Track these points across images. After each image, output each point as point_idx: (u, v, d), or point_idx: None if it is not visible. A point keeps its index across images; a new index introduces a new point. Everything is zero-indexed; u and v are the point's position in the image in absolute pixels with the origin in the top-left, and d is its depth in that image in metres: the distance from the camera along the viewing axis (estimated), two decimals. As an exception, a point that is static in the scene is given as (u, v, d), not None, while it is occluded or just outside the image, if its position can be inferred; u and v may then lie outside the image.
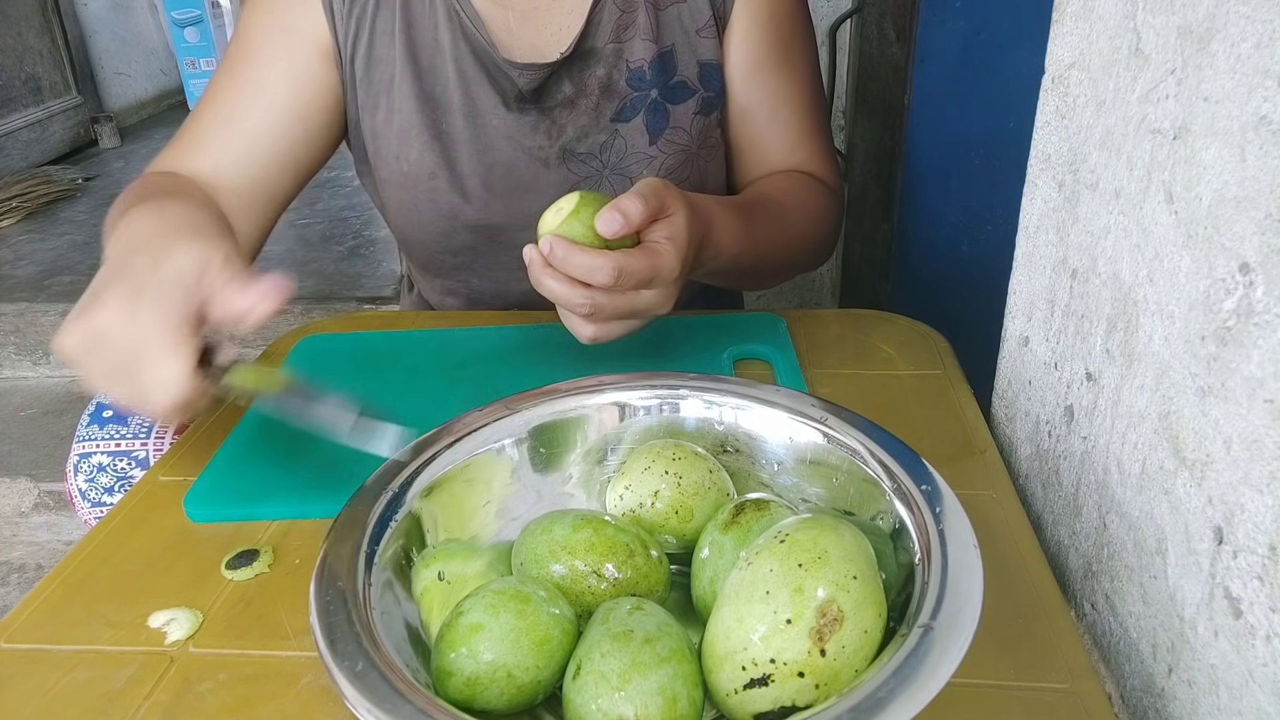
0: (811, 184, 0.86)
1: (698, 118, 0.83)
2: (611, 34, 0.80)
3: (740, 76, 0.84)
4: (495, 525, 0.51)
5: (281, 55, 0.80)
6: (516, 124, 0.81)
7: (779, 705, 0.37)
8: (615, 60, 0.81)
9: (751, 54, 0.83)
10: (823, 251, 0.89)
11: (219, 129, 0.80)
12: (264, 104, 0.80)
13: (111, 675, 0.47)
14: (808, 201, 0.84)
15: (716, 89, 0.83)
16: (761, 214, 0.78)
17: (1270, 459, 0.34)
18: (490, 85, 0.80)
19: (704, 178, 0.86)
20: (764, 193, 0.83)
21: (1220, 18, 0.37)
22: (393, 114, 0.81)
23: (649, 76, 0.81)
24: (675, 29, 0.81)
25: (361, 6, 0.80)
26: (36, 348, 1.98)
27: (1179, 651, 0.41)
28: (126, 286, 0.52)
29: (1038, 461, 0.59)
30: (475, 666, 0.40)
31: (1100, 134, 0.50)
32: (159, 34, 3.38)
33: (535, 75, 0.79)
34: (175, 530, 0.58)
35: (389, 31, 0.80)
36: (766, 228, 0.77)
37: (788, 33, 0.84)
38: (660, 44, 0.81)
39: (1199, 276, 0.39)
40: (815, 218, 0.84)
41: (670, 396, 0.54)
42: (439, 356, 0.75)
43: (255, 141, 0.79)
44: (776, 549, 0.39)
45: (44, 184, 2.58)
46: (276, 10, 0.80)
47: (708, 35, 0.82)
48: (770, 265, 0.81)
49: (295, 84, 0.80)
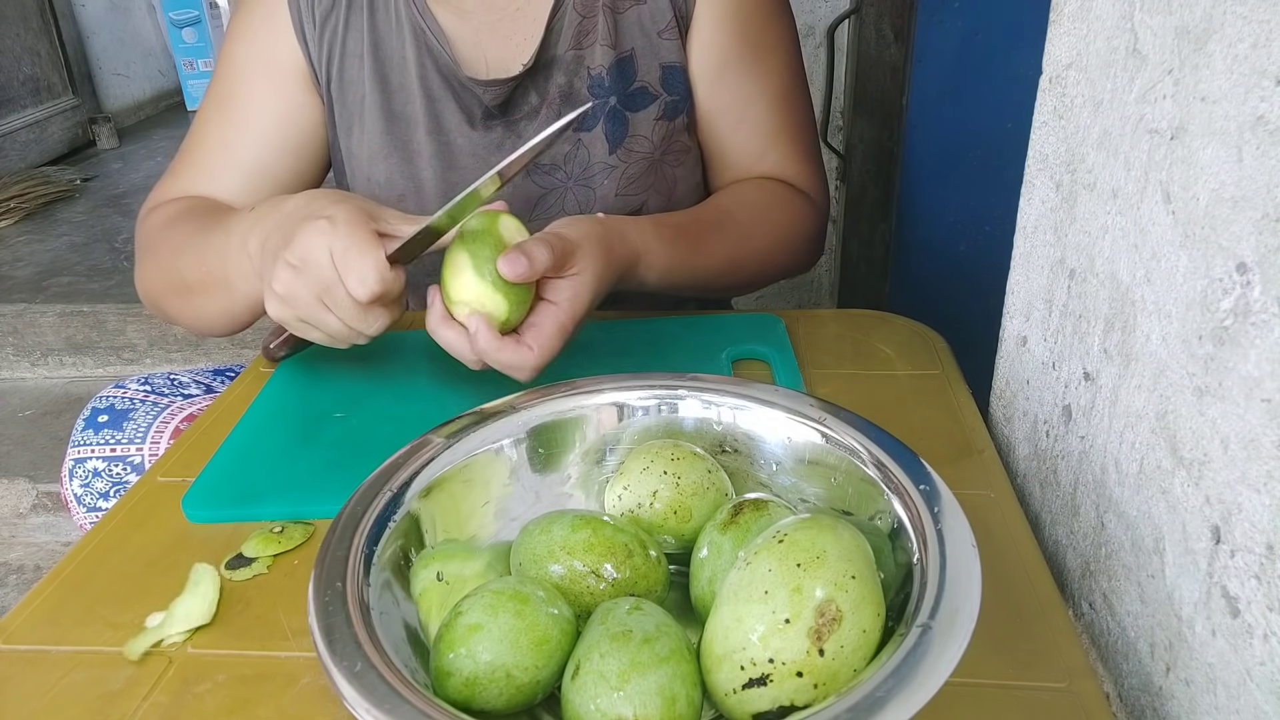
0: (780, 193, 0.83)
1: (660, 123, 0.81)
2: (572, 41, 0.78)
3: (705, 79, 0.81)
4: (494, 525, 0.51)
5: (269, 91, 0.81)
6: (481, 141, 0.80)
7: (777, 705, 0.37)
8: (576, 68, 0.79)
9: (716, 55, 0.80)
10: (799, 259, 0.87)
11: (219, 156, 0.82)
12: (255, 138, 0.82)
13: (110, 676, 0.47)
14: (772, 215, 0.82)
15: (681, 92, 0.81)
16: (708, 234, 0.77)
17: (1267, 458, 0.34)
18: (455, 103, 0.80)
19: (672, 184, 0.84)
20: (721, 208, 0.81)
21: (1217, 18, 0.37)
22: (364, 135, 0.82)
23: (608, 83, 0.79)
24: (635, 32, 0.79)
25: (331, 29, 0.80)
26: (35, 348, 1.98)
27: (1176, 650, 0.41)
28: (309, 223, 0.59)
29: (1036, 461, 0.59)
30: (474, 667, 0.40)
31: (1098, 134, 0.50)
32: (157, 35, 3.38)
33: (500, 90, 0.78)
34: (174, 531, 0.58)
35: (358, 53, 0.80)
36: (714, 247, 0.77)
37: (756, 30, 0.81)
38: (619, 49, 0.79)
39: (1196, 276, 0.39)
40: (780, 230, 0.82)
41: (669, 396, 0.54)
42: (438, 357, 0.75)
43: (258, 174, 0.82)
44: (775, 549, 0.39)
45: (42, 185, 2.58)
46: (257, 41, 0.81)
47: (669, 37, 0.79)
48: (726, 282, 0.80)
49: (285, 118, 0.82)
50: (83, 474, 0.79)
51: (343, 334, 0.61)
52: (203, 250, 0.72)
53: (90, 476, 0.79)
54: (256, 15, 0.81)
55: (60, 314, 1.95)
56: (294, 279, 0.59)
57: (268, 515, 0.58)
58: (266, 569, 0.54)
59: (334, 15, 0.80)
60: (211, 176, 0.82)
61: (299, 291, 0.59)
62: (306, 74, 0.81)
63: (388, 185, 0.82)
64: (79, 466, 0.79)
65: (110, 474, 0.78)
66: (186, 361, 1.99)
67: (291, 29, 0.80)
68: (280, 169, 0.83)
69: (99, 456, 0.79)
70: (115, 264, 2.12)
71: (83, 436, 0.79)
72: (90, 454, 0.79)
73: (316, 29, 0.80)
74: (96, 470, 0.78)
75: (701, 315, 0.79)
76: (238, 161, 0.81)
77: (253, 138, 0.81)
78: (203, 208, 0.79)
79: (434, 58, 0.79)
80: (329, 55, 0.81)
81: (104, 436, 0.79)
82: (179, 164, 0.84)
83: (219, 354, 1.99)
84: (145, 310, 1.92)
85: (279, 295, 0.60)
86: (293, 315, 0.61)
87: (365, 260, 0.57)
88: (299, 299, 0.59)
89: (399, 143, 0.81)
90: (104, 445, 0.79)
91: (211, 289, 0.72)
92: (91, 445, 0.79)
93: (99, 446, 0.79)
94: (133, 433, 0.79)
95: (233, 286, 0.70)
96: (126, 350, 1.98)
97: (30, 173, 2.68)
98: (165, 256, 0.77)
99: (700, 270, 0.76)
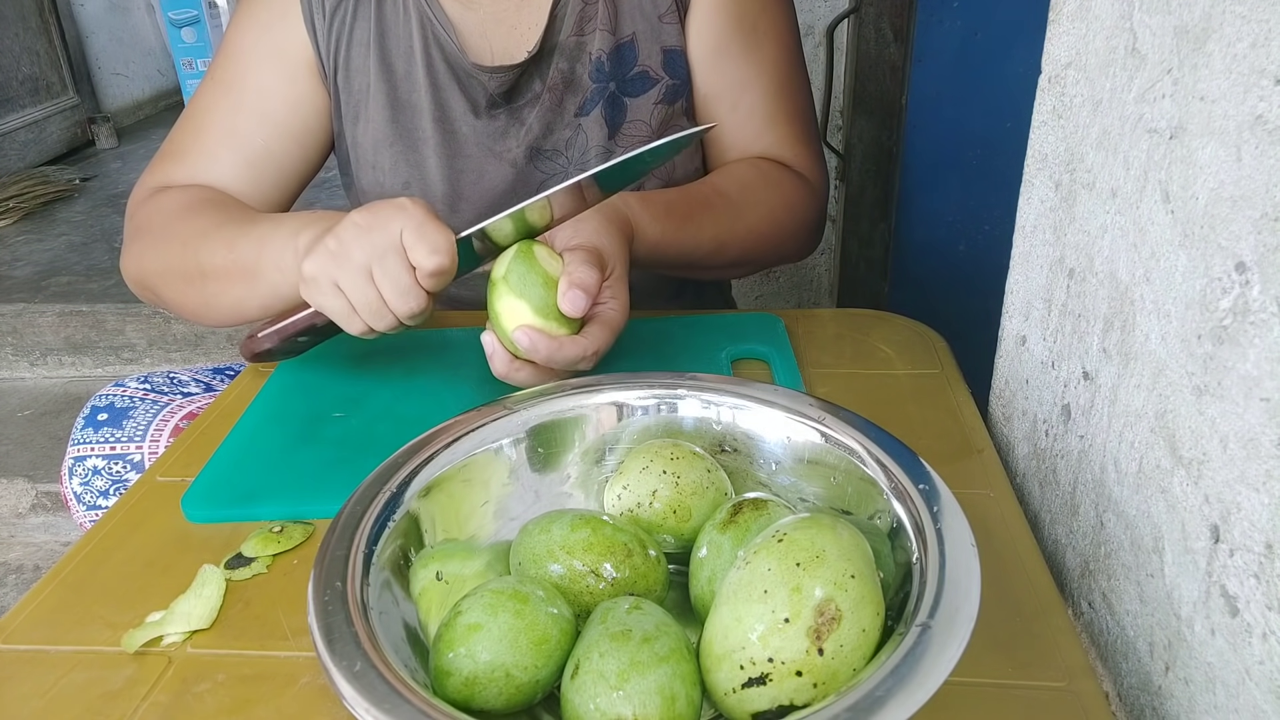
0: (775, 173, 0.84)
1: (659, 107, 0.81)
2: (574, 27, 0.79)
3: (702, 62, 0.81)
4: (493, 525, 0.51)
5: (278, 79, 0.82)
6: (485, 129, 0.81)
7: (777, 704, 0.37)
8: (578, 53, 0.80)
9: (714, 37, 0.81)
10: (795, 242, 0.87)
11: (224, 141, 0.82)
12: (262, 126, 0.82)
13: (109, 676, 0.47)
14: (765, 194, 0.82)
15: (682, 76, 0.81)
16: (698, 211, 0.77)
17: (1266, 457, 0.34)
18: (460, 92, 0.81)
19: (670, 168, 0.84)
20: (712, 185, 0.81)
21: (1216, 17, 0.37)
22: (369, 124, 0.83)
23: (607, 69, 0.80)
24: (636, 17, 0.80)
25: (340, 19, 0.81)
26: (34, 348, 1.98)
27: (1176, 650, 0.41)
28: (387, 203, 0.61)
29: (1035, 460, 0.59)
30: (473, 666, 0.40)
31: (1097, 133, 0.50)
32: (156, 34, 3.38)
33: (506, 78, 0.79)
34: (173, 531, 0.58)
35: (364, 42, 0.81)
36: (704, 224, 0.77)
37: (754, 14, 0.82)
38: (618, 35, 0.80)
39: (1195, 275, 0.39)
40: (773, 210, 0.82)
41: (668, 396, 0.54)
42: (438, 356, 0.75)
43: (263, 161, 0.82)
44: (774, 548, 0.39)
45: (41, 184, 2.57)
46: (266, 29, 0.82)
47: (670, 21, 0.80)
48: (717, 260, 0.80)
49: (293, 107, 0.83)
50: (82, 472, 0.79)
51: (373, 309, 0.61)
52: (235, 238, 0.72)
53: (90, 475, 0.79)
54: (266, 5, 0.82)
55: (59, 314, 1.95)
56: (355, 237, 0.60)
57: (267, 515, 0.58)
58: (266, 569, 0.54)
59: (343, 6, 0.81)
60: (215, 161, 0.82)
61: (354, 250, 0.60)
62: (314, 65, 0.82)
63: (392, 173, 0.83)
64: (79, 465, 0.79)
65: (110, 472, 0.78)
66: (186, 361, 1.99)
67: (302, 21, 0.81)
68: (284, 156, 0.83)
69: (99, 455, 0.79)
70: (114, 264, 2.12)
71: (82, 435, 0.79)
72: (90, 452, 0.79)
73: (326, 20, 0.81)
74: (96, 469, 0.78)
75: (701, 315, 0.79)
76: (243, 147, 0.82)
77: (259, 125, 0.82)
78: (231, 202, 0.80)
79: (440, 46, 0.80)
80: (336, 45, 0.81)
81: (104, 435, 0.79)
82: (176, 147, 0.84)
83: (218, 353, 1.99)
84: (145, 310, 1.93)
85: (331, 251, 0.61)
86: (333, 276, 0.61)
87: (440, 235, 0.59)
88: (350, 258, 0.60)
89: (404, 131, 0.82)
90: (104, 443, 0.79)
91: (233, 276, 0.72)
92: (91, 443, 0.79)
93: (99, 445, 0.79)
94: (132, 431, 0.79)
95: (260, 276, 0.70)
96: (126, 350, 1.98)
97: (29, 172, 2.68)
98: (179, 240, 0.76)
99: (688, 247, 0.76)
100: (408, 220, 0.59)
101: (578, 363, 0.62)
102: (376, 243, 0.59)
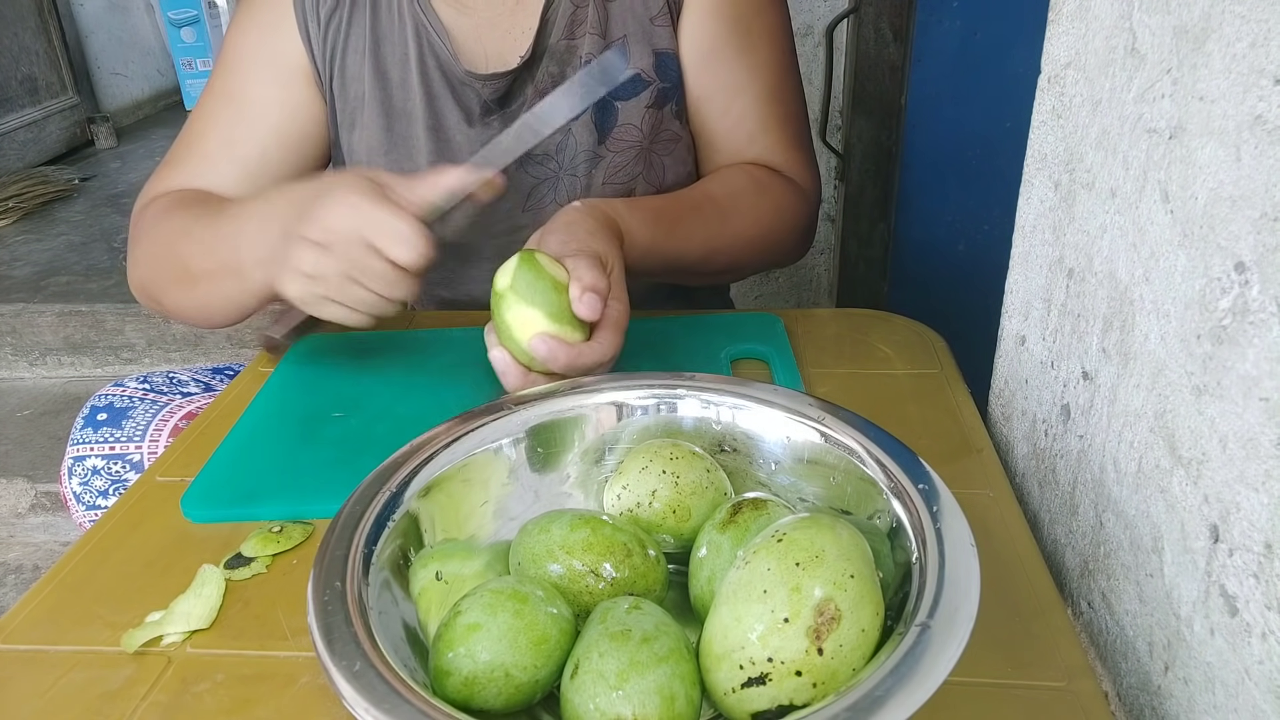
0: (766, 179, 0.83)
1: (650, 111, 0.81)
2: (565, 30, 0.79)
3: (694, 64, 0.81)
4: (493, 525, 0.51)
5: (273, 88, 0.82)
6: (479, 137, 0.80)
7: (776, 704, 0.37)
8: (568, 57, 0.79)
9: (706, 40, 0.80)
10: (785, 247, 0.86)
11: (221, 151, 0.82)
12: (259, 134, 0.82)
13: (109, 676, 0.47)
14: (755, 200, 0.81)
15: (674, 79, 0.81)
16: (687, 217, 0.76)
17: (1266, 457, 0.34)
18: (454, 100, 0.80)
19: (661, 172, 0.84)
20: (701, 191, 0.81)
21: (1215, 17, 0.37)
22: (364, 131, 0.82)
23: None
24: (627, 20, 0.79)
25: (335, 28, 0.81)
26: (33, 348, 1.98)
27: (1175, 649, 0.41)
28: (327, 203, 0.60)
29: (1034, 460, 0.59)
30: (473, 666, 0.40)
31: (1096, 133, 0.50)
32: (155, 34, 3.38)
33: (499, 84, 0.79)
34: (172, 530, 0.58)
35: (359, 50, 0.81)
36: (693, 230, 0.76)
37: (746, 17, 0.81)
38: (608, 38, 0.79)
39: (1195, 275, 0.39)
40: (763, 215, 0.81)
41: (668, 396, 0.54)
42: (437, 357, 0.75)
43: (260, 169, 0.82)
44: (774, 548, 0.39)
45: (40, 184, 2.57)
46: (262, 36, 0.82)
47: (662, 23, 0.79)
48: (706, 267, 0.80)
49: (289, 115, 0.83)
50: (82, 472, 0.79)
51: (372, 306, 0.62)
52: (210, 240, 0.72)
53: (89, 474, 0.79)
54: (261, 13, 0.82)
55: (59, 314, 1.95)
56: (321, 257, 0.60)
57: (267, 515, 0.58)
58: (265, 568, 0.54)
59: (338, 14, 0.80)
60: (212, 170, 0.82)
61: (327, 269, 0.60)
62: (310, 72, 0.82)
63: None
64: (78, 465, 0.79)
65: (109, 472, 0.78)
66: (185, 361, 1.99)
67: (296, 28, 0.81)
68: (281, 164, 0.83)
69: (98, 455, 0.79)
70: (114, 264, 2.12)
71: (82, 434, 0.79)
72: (89, 452, 0.79)
73: (320, 28, 0.81)
74: (96, 468, 0.78)
75: (701, 315, 0.79)
76: (240, 156, 0.82)
77: (256, 133, 0.82)
78: (197, 198, 0.79)
79: (435, 54, 0.80)
80: (331, 53, 0.81)
81: (103, 434, 0.79)
82: (176, 156, 0.84)
83: (218, 353, 1.98)
84: (144, 310, 1.92)
85: (306, 274, 0.61)
86: (319, 293, 0.62)
87: (405, 226, 0.59)
88: (328, 276, 0.61)
89: (398, 139, 0.82)
90: (103, 443, 0.79)
91: (220, 277, 0.72)
92: (91, 443, 0.79)
93: (98, 444, 0.79)
94: (132, 430, 0.79)
95: (246, 274, 0.70)
96: (125, 350, 1.98)
97: (28, 172, 2.67)
98: (165, 247, 0.77)
99: (678, 253, 0.76)
100: (363, 222, 0.59)
101: (595, 369, 0.61)
102: (341, 257, 0.60)
